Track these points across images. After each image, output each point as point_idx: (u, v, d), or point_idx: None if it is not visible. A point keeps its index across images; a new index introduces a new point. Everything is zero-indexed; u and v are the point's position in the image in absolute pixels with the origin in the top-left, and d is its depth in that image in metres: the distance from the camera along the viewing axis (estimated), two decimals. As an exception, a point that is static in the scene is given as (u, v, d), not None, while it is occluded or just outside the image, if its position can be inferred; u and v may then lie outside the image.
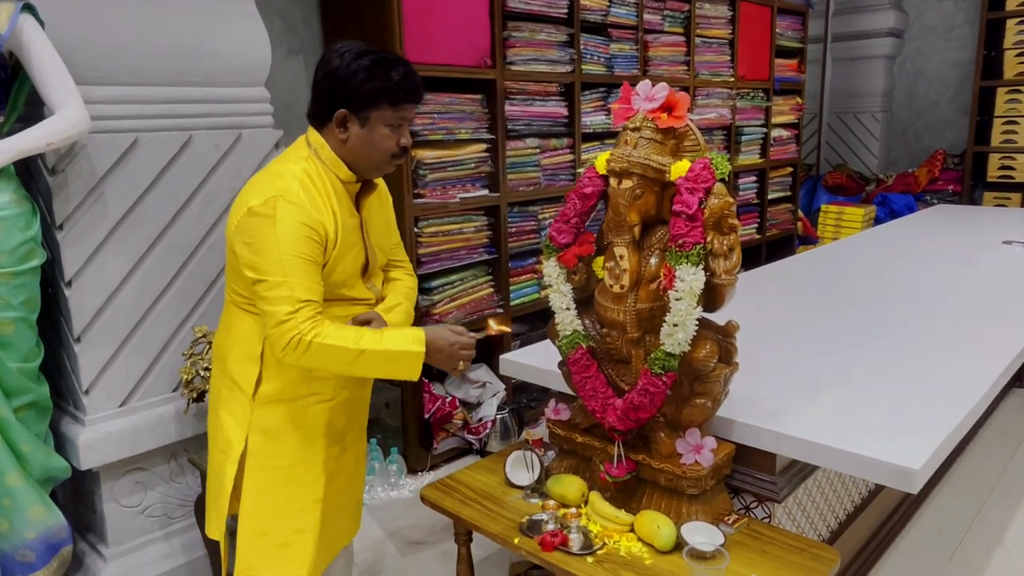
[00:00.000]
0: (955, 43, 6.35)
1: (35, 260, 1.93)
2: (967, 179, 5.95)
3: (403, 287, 1.83)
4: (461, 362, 1.63)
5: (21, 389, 1.95)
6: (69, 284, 2.03)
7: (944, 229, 4.25)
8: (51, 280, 2.08)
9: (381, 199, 1.77)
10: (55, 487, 2.14)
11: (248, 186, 1.61)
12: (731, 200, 1.59)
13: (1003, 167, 5.71)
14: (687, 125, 1.63)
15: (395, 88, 1.55)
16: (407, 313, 1.79)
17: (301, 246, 1.50)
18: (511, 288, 3.41)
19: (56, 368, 2.18)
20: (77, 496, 2.31)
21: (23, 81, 1.94)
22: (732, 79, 4.66)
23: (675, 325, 1.57)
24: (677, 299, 1.56)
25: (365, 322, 1.67)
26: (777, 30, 5.01)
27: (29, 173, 2.05)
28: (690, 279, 1.54)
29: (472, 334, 1.67)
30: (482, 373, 3.34)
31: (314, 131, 1.62)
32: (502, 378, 3.34)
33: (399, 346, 1.55)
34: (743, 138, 4.86)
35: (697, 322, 1.57)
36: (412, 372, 1.58)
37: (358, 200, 1.68)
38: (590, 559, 1.61)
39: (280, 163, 1.62)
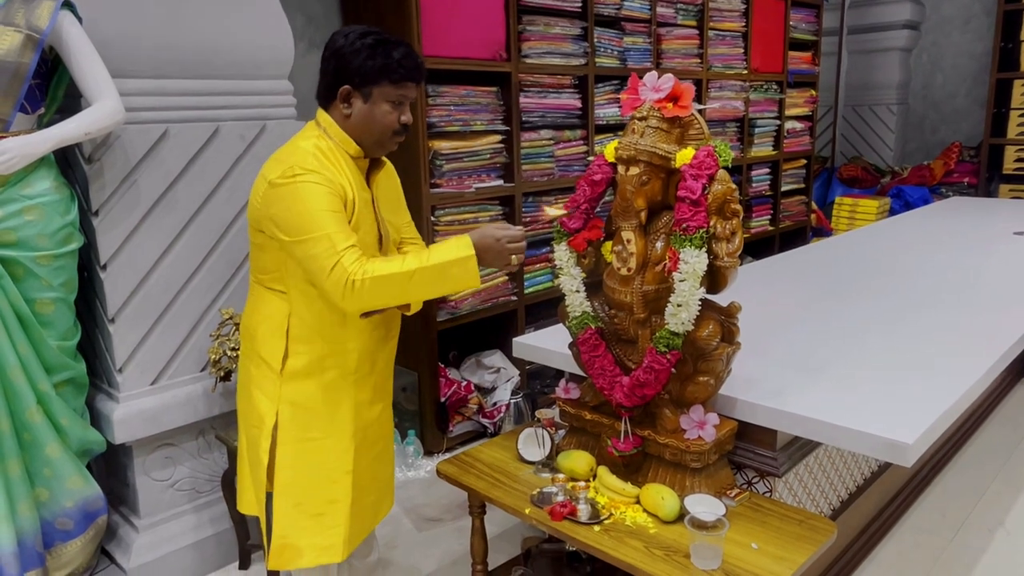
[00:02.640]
0: (972, 35, 6.34)
1: (73, 244, 2.04)
2: (983, 171, 5.95)
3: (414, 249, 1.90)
4: (514, 256, 1.65)
5: (60, 366, 2.07)
6: (104, 267, 2.14)
7: (956, 220, 4.27)
8: (87, 264, 2.19)
9: (389, 177, 1.85)
10: (90, 461, 2.26)
11: (264, 167, 1.70)
12: (733, 186, 1.66)
13: (1019, 159, 5.72)
14: (692, 114, 1.70)
15: (396, 66, 1.63)
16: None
17: (327, 202, 1.57)
18: (525, 276, 3.50)
19: (91, 348, 2.29)
20: (111, 470, 2.43)
21: (62, 74, 2.04)
22: (745, 72, 4.70)
23: (679, 305, 1.64)
24: (681, 280, 1.63)
25: None
26: (791, 23, 5.04)
27: (67, 162, 2.17)
28: (693, 261, 1.61)
29: (518, 228, 1.67)
30: (496, 359, 3.43)
31: (322, 112, 1.71)
32: (516, 364, 3.43)
33: (448, 256, 1.58)
34: (756, 130, 4.90)
35: (700, 303, 1.65)
36: (470, 279, 1.60)
37: (368, 177, 1.77)
38: (597, 528, 1.69)
39: (291, 143, 1.70)
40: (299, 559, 1.74)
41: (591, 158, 1.88)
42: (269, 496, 1.78)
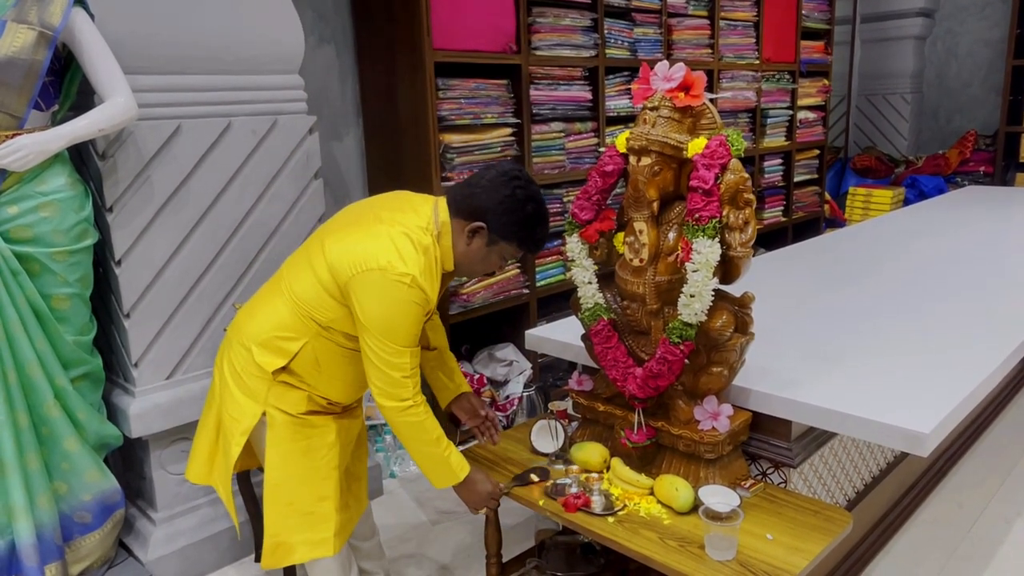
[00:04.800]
0: (987, 22, 6.26)
1: (89, 240, 2.06)
2: (999, 160, 5.88)
3: (441, 330, 2.04)
4: (481, 510, 1.85)
5: (77, 361, 2.09)
6: (119, 263, 2.15)
7: (972, 210, 4.23)
8: (102, 259, 2.20)
9: None
10: (107, 455, 2.28)
11: (371, 234, 1.63)
12: (746, 176, 1.65)
13: (1036, 147, 5.64)
14: (704, 104, 1.69)
15: (532, 242, 1.74)
16: (459, 372, 2.10)
17: (418, 326, 1.67)
18: (537, 269, 3.49)
19: (107, 343, 2.31)
20: (127, 464, 2.45)
21: (75, 71, 2.05)
22: (757, 61, 4.67)
23: (692, 296, 1.64)
24: (694, 271, 1.62)
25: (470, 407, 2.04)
26: (803, 11, 4.99)
27: (81, 158, 2.18)
28: (706, 251, 1.61)
29: (503, 491, 1.85)
30: (509, 352, 3.43)
31: (447, 209, 1.71)
32: (529, 357, 3.43)
33: (452, 464, 1.76)
34: (768, 120, 4.87)
35: (713, 293, 1.64)
36: (439, 484, 1.79)
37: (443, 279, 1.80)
38: (611, 519, 1.69)
39: (406, 227, 1.65)
40: (291, 556, 1.77)
41: (602, 150, 1.88)
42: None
